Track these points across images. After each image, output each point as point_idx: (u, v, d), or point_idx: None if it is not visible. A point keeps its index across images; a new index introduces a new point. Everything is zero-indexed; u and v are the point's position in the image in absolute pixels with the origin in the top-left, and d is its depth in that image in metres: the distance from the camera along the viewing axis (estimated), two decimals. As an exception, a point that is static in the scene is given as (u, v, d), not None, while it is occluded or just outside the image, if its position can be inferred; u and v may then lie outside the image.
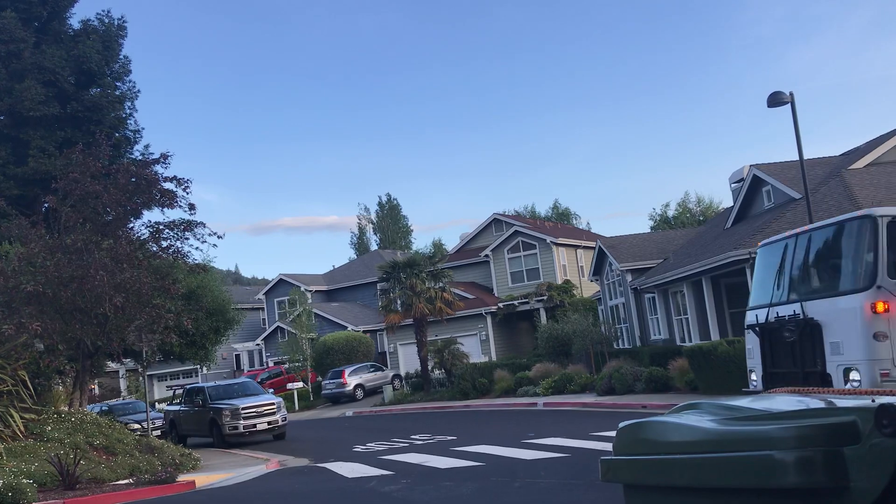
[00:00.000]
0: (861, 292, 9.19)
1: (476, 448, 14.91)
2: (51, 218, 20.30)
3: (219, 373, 50.27)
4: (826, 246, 10.28)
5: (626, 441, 4.30)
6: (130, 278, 17.61)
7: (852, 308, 9.27)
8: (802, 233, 10.66)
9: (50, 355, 18.06)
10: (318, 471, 15.05)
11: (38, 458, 14.38)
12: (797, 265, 10.59)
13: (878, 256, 9.12)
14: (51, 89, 23.37)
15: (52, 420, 16.93)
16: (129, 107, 26.10)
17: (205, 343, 27.09)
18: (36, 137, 23.05)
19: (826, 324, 9.66)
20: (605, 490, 8.80)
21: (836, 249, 10.06)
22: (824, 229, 10.28)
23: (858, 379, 9.12)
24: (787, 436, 3.20)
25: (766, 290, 11.01)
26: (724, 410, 3.92)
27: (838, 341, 9.46)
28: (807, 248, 10.47)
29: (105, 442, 16.81)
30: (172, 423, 26.12)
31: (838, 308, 9.51)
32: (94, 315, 17.79)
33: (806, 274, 10.52)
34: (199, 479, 14.91)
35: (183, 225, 19.36)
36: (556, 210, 78.08)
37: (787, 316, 10.26)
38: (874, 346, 8.97)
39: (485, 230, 47.18)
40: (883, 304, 9.01)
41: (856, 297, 9.25)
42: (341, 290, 52.21)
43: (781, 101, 18.90)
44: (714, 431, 3.64)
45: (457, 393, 30.69)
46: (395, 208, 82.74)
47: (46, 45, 24.11)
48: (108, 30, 25.92)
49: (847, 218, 9.93)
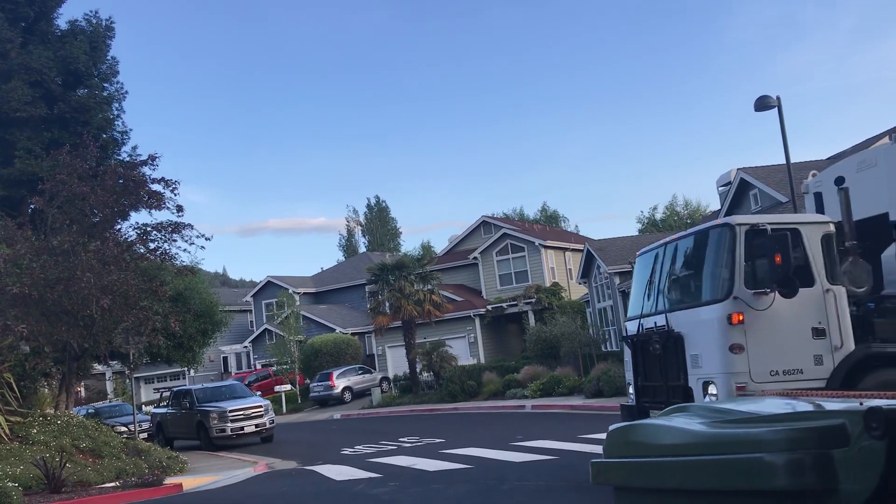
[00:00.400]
0: (718, 303, 8.96)
1: (464, 451, 14.91)
2: (37, 219, 20.15)
3: (206, 375, 50.02)
4: (690, 255, 10.02)
5: (617, 444, 4.31)
6: (117, 280, 17.53)
7: (710, 319, 9.04)
8: (671, 241, 10.41)
9: (36, 357, 17.93)
10: (306, 474, 15.01)
11: (23, 461, 14.26)
12: (665, 275, 10.32)
13: (736, 266, 8.91)
14: (37, 90, 23.20)
15: (37, 423, 16.80)
16: (116, 108, 25.93)
17: (192, 345, 26.97)
18: (22, 138, 22.87)
19: (687, 336, 9.42)
20: (594, 492, 8.82)
21: (699, 259, 9.80)
22: (689, 238, 10.06)
23: (716, 393, 8.87)
24: (777, 438, 3.22)
25: (640, 300, 10.77)
26: (713, 413, 3.94)
27: (698, 354, 9.24)
28: (673, 257, 10.23)
29: (91, 445, 16.70)
30: (159, 426, 26.00)
31: (698, 319, 9.28)
32: (80, 317, 17.67)
33: (672, 284, 10.25)
34: (186, 482, 14.84)
35: (171, 227, 19.28)
36: (545, 212, 78.23)
37: (655, 327, 10.02)
38: (730, 359, 8.74)
39: (473, 232, 47.22)
40: (737, 316, 8.77)
41: (713, 308, 9.02)
42: (329, 292, 52.09)
43: (768, 105, 19.03)
44: (704, 434, 3.66)
45: (445, 395, 30.68)
46: (383, 210, 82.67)
47: (33, 45, 23.92)
48: (95, 30, 25.75)
49: (708, 226, 9.71)
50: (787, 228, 8.94)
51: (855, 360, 8.73)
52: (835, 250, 9.24)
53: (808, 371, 8.75)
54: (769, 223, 8.97)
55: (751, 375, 8.65)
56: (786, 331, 8.82)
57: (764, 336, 8.76)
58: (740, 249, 8.92)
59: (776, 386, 8.59)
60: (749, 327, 8.76)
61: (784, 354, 8.77)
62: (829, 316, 8.94)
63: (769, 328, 8.79)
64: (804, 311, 8.91)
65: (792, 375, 8.72)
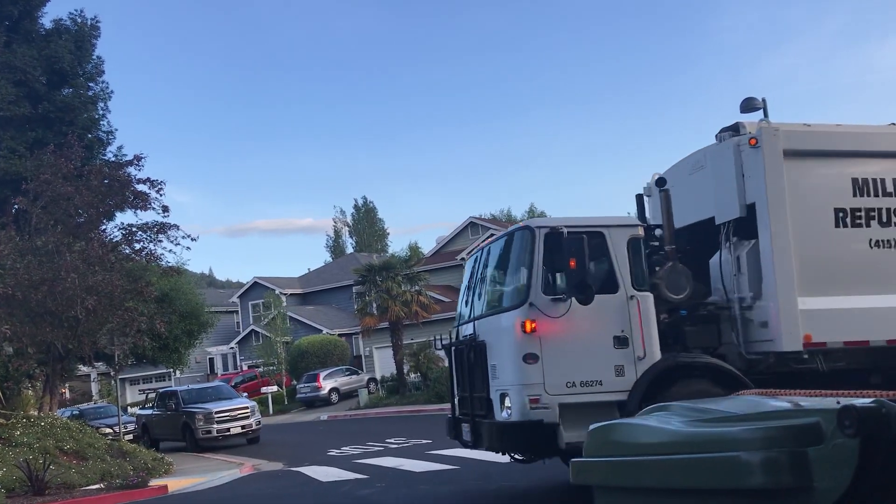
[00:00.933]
0: (514, 310, 8.51)
1: (451, 452, 14.91)
2: (21, 220, 20.03)
3: (192, 376, 49.80)
4: (499, 259, 9.55)
5: (597, 443, 4.35)
6: (102, 281, 17.45)
7: (506, 327, 8.58)
8: (486, 244, 10.01)
9: (19, 359, 17.84)
10: (292, 475, 14.98)
11: (6, 463, 14.17)
12: (479, 279, 9.86)
13: (533, 271, 8.44)
14: (22, 89, 23.05)
15: (21, 424, 16.70)
16: (102, 108, 25.80)
17: (178, 346, 26.89)
18: (6, 138, 22.72)
19: (490, 344, 8.93)
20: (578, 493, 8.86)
21: (504, 263, 9.36)
22: (500, 241, 9.56)
23: (510, 406, 8.43)
24: (753, 437, 3.26)
25: (461, 306, 10.28)
26: (692, 412, 3.98)
27: (496, 364, 8.77)
28: (486, 261, 9.78)
29: (75, 446, 16.60)
30: (145, 428, 25.89)
31: (498, 327, 8.83)
32: (65, 318, 17.58)
33: (483, 289, 9.76)
34: (171, 484, 14.79)
35: (156, 227, 19.24)
36: (532, 213, 78.33)
37: (467, 336, 9.54)
38: (524, 370, 8.26)
39: (461, 233, 47.27)
40: (530, 324, 8.27)
41: (509, 315, 8.58)
42: (316, 293, 52.00)
43: (754, 106, 19.11)
44: (681, 433, 3.70)
45: (432, 396, 30.66)
46: (371, 211, 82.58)
47: (17, 44, 23.77)
48: (80, 29, 25.62)
49: (513, 229, 9.32)
50: (585, 231, 8.56)
51: (659, 371, 8.38)
52: (643, 254, 8.85)
53: (608, 382, 8.36)
54: (567, 226, 8.47)
55: (545, 387, 8.23)
56: (585, 340, 8.41)
57: (561, 345, 8.34)
58: (539, 253, 8.46)
59: (573, 399, 8.23)
60: (545, 336, 8.31)
61: (582, 365, 8.35)
62: (632, 324, 8.51)
63: (567, 337, 8.36)
64: (606, 318, 8.50)
65: (590, 387, 8.32)
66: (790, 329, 8.60)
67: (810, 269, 8.80)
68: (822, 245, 8.91)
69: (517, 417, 8.34)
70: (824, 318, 8.71)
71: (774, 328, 8.71)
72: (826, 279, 8.86)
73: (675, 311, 9.02)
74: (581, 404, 8.26)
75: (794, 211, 8.79)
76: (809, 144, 9.06)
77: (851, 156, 9.19)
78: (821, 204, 8.96)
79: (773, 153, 8.78)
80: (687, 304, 9.04)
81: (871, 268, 9.01)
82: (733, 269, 9.14)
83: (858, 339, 8.83)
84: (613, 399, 8.35)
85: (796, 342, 8.59)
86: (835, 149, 9.17)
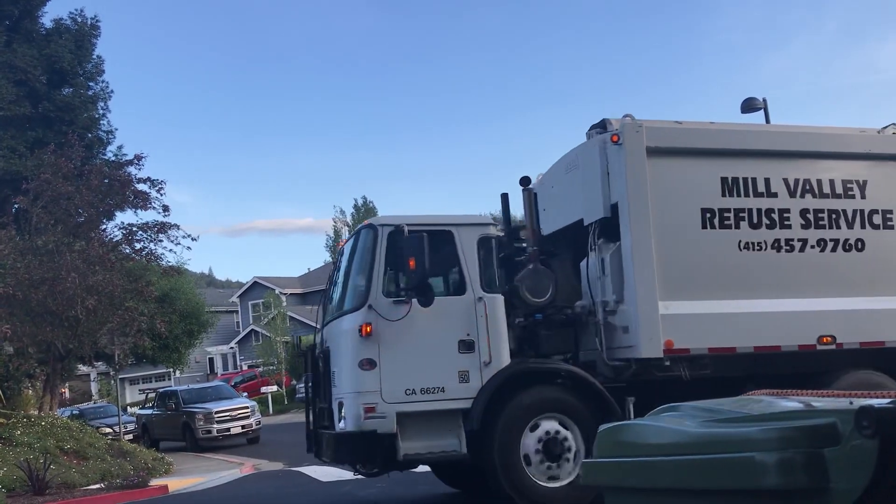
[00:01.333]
0: (353, 313, 8.09)
1: (452, 451, 14.87)
2: (21, 219, 20.01)
3: (192, 376, 49.78)
4: (348, 260, 9.07)
5: (607, 444, 4.31)
6: (103, 280, 17.42)
7: (344, 331, 8.18)
8: (343, 244, 9.62)
9: (20, 358, 17.80)
10: (293, 475, 14.94)
11: (6, 462, 14.13)
12: (333, 281, 9.44)
13: (375, 272, 8.02)
14: (22, 88, 23.03)
15: (21, 424, 16.67)
16: (102, 107, 25.82)
17: (178, 346, 26.88)
18: (6, 137, 22.70)
19: (333, 350, 8.50)
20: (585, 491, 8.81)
21: (352, 263, 8.84)
22: (350, 240, 9.13)
23: (345, 415, 7.99)
24: (767, 437, 3.21)
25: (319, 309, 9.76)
26: (704, 413, 3.94)
27: (336, 370, 8.36)
28: (340, 261, 9.35)
29: (76, 446, 16.57)
30: (145, 427, 25.88)
31: (338, 332, 8.41)
32: (65, 317, 17.55)
33: (335, 290, 9.30)
34: (171, 484, 14.75)
35: (156, 227, 19.24)
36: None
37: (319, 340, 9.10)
38: (359, 377, 7.80)
39: (461, 233, 47.17)
40: (366, 327, 7.81)
41: (348, 318, 8.16)
42: (317, 292, 51.77)
43: (755, 107, 19.13)
44: (695, 434, 3.66)
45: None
46: (371, 211, 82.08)
47: (17, 43, 23.74)
48: (80, 29, 25.61)
49: (359, 228, 8.90)
50: (432, 230, 8.15)
51: (505, 377, 8.01)
52: (494, 255, 8.48)
53: (452, 389, 7.93)
54: (412, 224, 8.05)
55: (382, 395, 7.75)
56: (428, 344, 7.98)
57: (401, 350, 7.89)
58: (381, 253, 8.07)
59: (413, 407, 7.80)
60: (383, 340, 7.85)
61: (423, 371, 7.91)
62: (479, 327, 8.10)
63: (407, 341, 7.92)
64: (452, 321, 8.09)
65: (432, 394, 7.87)
66: (650, 335, 8.13)
67: (674, 272, 8.34)
68: (688, 247, 8.46)
69: (351, 427, 7.88)
70: (687, 324, 8.26)
71: (634, 334, 8.23)
72: (691, 283, 8.41)
73: (530, 314, 8.57)
74: (422, 413, 7.87)
75: (658, 211, 8.34)
76: (677, 142, 8.62)
77: (722, 155, 8.74)
78: (687, 204, 8.51)
79: (636, 151, 8.34)
80: (544, 309, 8.61)
81: (740, 271, 8.55)
82: (598, 273, 8.68)
83: (724, 345, 8.38)
84: (457, 407, 7.95)
85: (656, 349, 8.13)
86: (705, 147, 8.70)
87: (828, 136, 9.27)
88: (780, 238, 8.68)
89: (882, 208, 9.06)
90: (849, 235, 8.91)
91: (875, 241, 8.97)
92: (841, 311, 8.67)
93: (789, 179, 8.76)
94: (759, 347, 8.47)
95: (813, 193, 8.84)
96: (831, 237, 8.86)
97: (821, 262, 8.80)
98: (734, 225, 8.57)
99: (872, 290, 8.84)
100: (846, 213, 8.94)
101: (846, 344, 8.64)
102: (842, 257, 8.87)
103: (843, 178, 8.99)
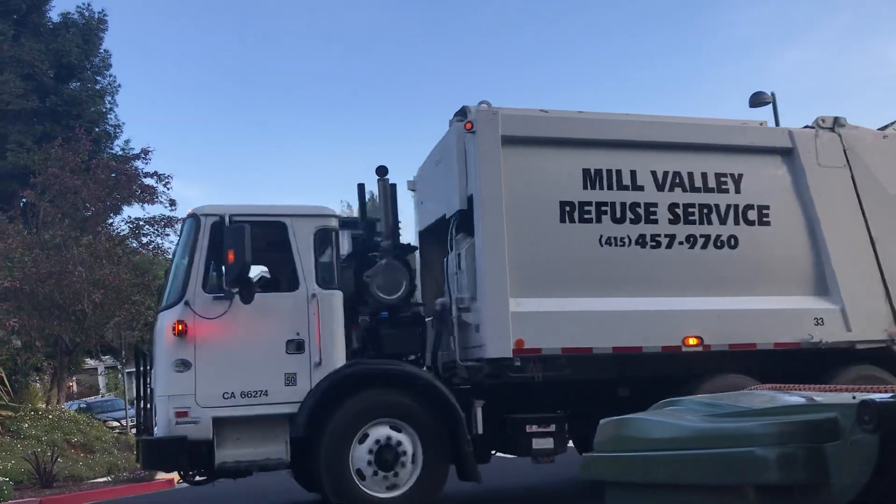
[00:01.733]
0: (169, 310, 7.50)
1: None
2: (29, 213, 20.09)
3: (199, 370, 49.90)
4: (176, 251, 8.46)
5: (607, 438, 4.30)
6: (109, 274, 17.48)
7: (160, 329, 7.59)
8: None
9: (27, 352, 17.87)
10: (298, 468, 14.94)
11: (14, 455, 14.21)
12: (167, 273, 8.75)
13: (194, 265, 7.42)
14: (30, 83, 23.12)
15: (29, 417, 16.75)
16: (109, 101, 25.93)
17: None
18: (14, 131, 22.79)
19: (155, 349, 7.84)
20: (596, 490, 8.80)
21: (178, 255, 8.18)
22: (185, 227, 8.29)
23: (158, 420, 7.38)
24: (768, 432, 3.20)
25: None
26: (705, 407, 3.92)
27: (154, 371, 7.74)
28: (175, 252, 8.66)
29: (83, 439, 16.66)
30: (152, 421, 25.96)
31: (157, 329, 7.82)
32: (72, 311, 17.63)
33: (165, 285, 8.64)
34: (178, 477, 14.77)
35: (164, 221, 19.31)
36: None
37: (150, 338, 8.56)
38: (173, 379, 7.22)
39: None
40: (178, 325, 7.23)
41: (164, 315, 7.57)
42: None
43: (763, 101, 19.01)
44: (695, 428, 3.65)
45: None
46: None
47: (25, 38, 23.83)
48: (88, 23, 25.69)
49: (186, 216, 8.20)
50: (262, 221, 7.64)
51: (336, 380, 7.41)
52: (333, 248, 7.87)
53: (276, 393, 7.33)
54: (239, 213, 7.49)
55: (196, 398, 7.16)
56: (250, 344, 7.40)
57: (219, 350, 7.31)
58: (203, 244, 7.46)
59: (231, 412, 7.23)
60: (200, 339, 7.26)
61: (245, 373, 7.33)
62: (311, 326, 7.48)
63: (227, 341, 7.35)
64: (280, 319, 7.48)
65: (253, 398, 7.29)
66: (499, 333, 7.64)
67: (529, 268, 7.86)
68: (545, 241, 7.99)
69: (162, 433, 7.31)
70: (540, 322, 7.78)
71: (483, 332, 7.75)
72: (547, 279, 7.93)
73: (376, 313, 8.02)
74: (242, 418, 7.30)
75: (513, 203, 7.89)
76: (536, 131, 8.19)
77: (586, 145, 8.28)
78: (545, 196, 8.05)
79: (490, 139, 7.91)
80: (395, 306, 8.03)
81: (600, 268, 8.08)
82: (455, 268, 8.27)
83: (579, 345, 7.87)
84: (282, 412, 7.36)
85: (506, 348, 7.63)
86: (567, 136, 8.26)
87: (700, 128, 8.86)
88: (646, 233, 8.24)
89: (758, 203, 8.58)
90: (721, 231, 8.43)
91: (749, 238, 8.51)
92: (710, 311, 8.20)
93: (658, 172, 8.34)
94: (619, 348, 8.01)
95: (683, 187, 8.40)
96: (702, 233, 8.39)
97: (690, 260, 8.33)
98: (595, 219, 8.13)
99: (745, 290, 8.39)
100: (719, 207, 8.46)
101: (714, 346, 8.16)
102: (713, 255, 8.40)
103: (717, 171, 8.51)
